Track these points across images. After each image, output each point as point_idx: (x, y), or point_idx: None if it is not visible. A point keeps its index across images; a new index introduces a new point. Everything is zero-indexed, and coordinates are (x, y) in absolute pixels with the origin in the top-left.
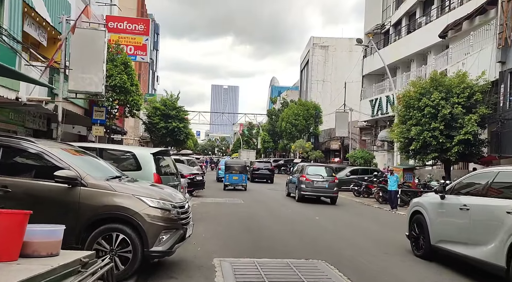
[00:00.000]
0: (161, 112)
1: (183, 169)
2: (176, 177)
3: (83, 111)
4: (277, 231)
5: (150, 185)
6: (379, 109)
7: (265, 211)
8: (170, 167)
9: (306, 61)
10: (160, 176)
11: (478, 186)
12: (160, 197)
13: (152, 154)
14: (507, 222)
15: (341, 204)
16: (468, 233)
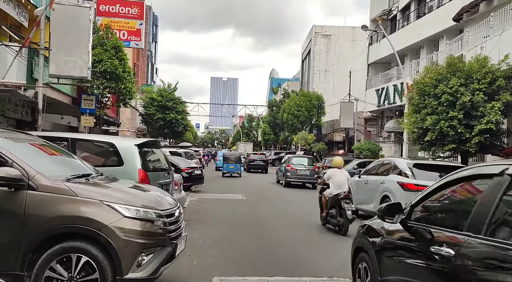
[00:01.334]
0: (158, 103)
1: (180, 162)
2: (168, 173)
3: (71, 100)
4: (289, 237)
5: (131, 186)
6: (386, 99)
7: (270, 208)
8: (161, 161)
9: (308, 51)
10: (147, 172)
11: (374, 169)
12: (142, 204)
13: (137, 145)
14: (380, 188)
15: None
16: (367, 196)
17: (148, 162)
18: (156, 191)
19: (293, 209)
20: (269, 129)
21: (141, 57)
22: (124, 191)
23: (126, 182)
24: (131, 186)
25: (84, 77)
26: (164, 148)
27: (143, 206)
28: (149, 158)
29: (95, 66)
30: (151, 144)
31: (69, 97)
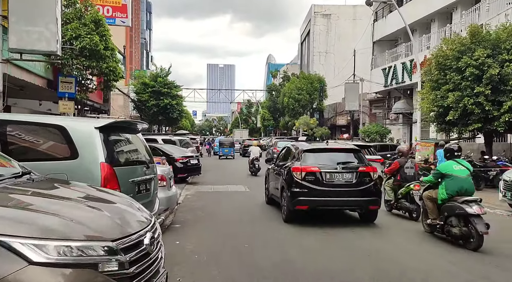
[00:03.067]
0: (151, 88)
1: (174, 151)
2: (148, 167)
3: (46, 82)
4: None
5: (80, 197)
6: (394, 78)
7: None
8: (138, 151)
9: (307, 32)
10: (114, 167)
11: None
12: (83, 233)
13: (100, 128)
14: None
15: None
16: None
17: (118, 153)
18: (120, 202)
19: None
20: (269, 115)
21: (135, 45)
22: (53, 209)
23: (74, 187)
24: (80, 196)
25: (53, 51)
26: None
27: (82, 238)
28: (119, 147)
29: (71, 43)
30: (123, 127)
31: (43, 80)
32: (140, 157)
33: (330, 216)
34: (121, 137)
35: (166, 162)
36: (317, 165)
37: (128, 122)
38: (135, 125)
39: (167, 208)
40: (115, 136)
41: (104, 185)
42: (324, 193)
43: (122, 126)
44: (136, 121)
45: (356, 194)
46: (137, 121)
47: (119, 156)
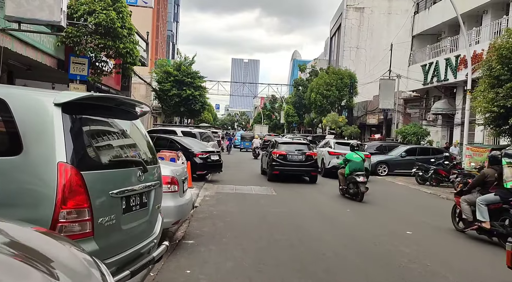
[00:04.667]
0: (174, 78)
1: (193, 145)
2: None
3: (56, 62)
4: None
5: None
6: (435, 76)
7: (314, 212)
8: (136, 146)
9: (338, 26)
10: (81, 172)
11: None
12: None
13: (62, 105)
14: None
15: (409, 198)
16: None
17: (95, 148)
18: None
19: (346, 215)
20: (293, 111)
21: (161, 36)
22: None
23: None
24: None
25: (56, 22)
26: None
27: None
28: (98, 139)
29: (85, 19)
30: (108, 108)
31: (52, 59)
32: (135, 155)
33: (291, 178)
34: (103, 123)
35: (181, 155)
36: (285, 151)
37: (116, 100)
38: (130, 107)
39: (177, 220)
40: (93, 122)
41: (62, 201)
42: (287, 165)
43: (106, 106)
44: (131, 101)
45: (304, 166)
46: (132, 101)
47: (97, 153)
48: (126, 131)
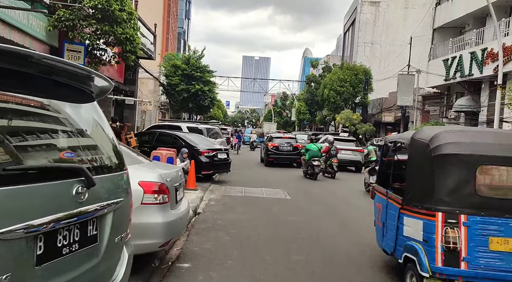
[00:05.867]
0: (182, 72)
1: (198, 142)
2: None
3: (48, 50)
4: None
5: None
6: (459, 71)
7: (334, 220)
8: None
9: (352, 21)
10: None
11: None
12: None
13: None
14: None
15: None
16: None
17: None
18: None
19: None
20: (305, 108)
21: (172, 32)
22: None
23: None
24: None
25: None
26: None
27: None
28: (8, 129)
29: (80, 1)
30: (31, 78)
31: (44, 45)
32: (71, 159)
33: (282, 164)
34: (20, 103)
35: (186, 156)
36: (277, 143)
37: (37, 60)
38: (76, 80)
39: (167, 241)
40: None
41: None
42: (279, 154)
43: (27, 75)
44: (72, 66)
45: (292, 155)
46: (75, 67)
47: None
48: (69, 121)
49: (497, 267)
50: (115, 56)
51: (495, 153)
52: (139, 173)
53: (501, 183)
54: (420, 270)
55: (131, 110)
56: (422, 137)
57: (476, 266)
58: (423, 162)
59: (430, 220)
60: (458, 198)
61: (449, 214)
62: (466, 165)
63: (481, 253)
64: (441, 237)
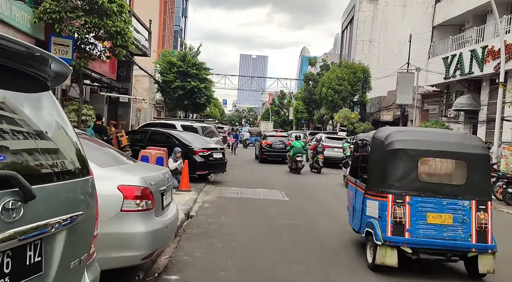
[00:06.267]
0: (178, 69)
1: (193, 141)
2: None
3: (34, 43)
4: None
5: None
6: (459, 69)
7: (334, 223)
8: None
9: (350, 19)
10: None
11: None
12: None
13: None
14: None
15: None
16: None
17: None
18: None
19: None
20: (303, 107)
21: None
22: None
23: None
24: None
25: None
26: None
27: None
28: None
29: None
30: None
31: (29, 38)
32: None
33: (274, 161)
34: None
35: (180, 156)
36: (271, 141)
37: None
38: (22, 63)
39: (151, 252)
40: None
41: None
42: (272, 151)
43: None
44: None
45: (284, 152)
46: (26, 47)
47: None
48: (7, 113)
49: (432, 235)
50: (105, 51)
51: (431, 148)
52: (120, 175)
53: (436, 171)
54: (375, 240)
55: (125, 108)
56: (380, 136)
57: (417, 235)
58: (379, 155)
59: (383, 201)
60: (404, 183)
61: (397, 196)
62: (410, 157)
63: (420, 225)
64: (391, 214)
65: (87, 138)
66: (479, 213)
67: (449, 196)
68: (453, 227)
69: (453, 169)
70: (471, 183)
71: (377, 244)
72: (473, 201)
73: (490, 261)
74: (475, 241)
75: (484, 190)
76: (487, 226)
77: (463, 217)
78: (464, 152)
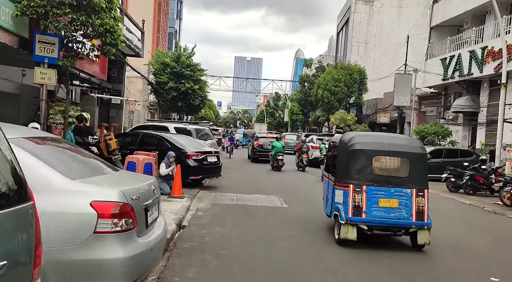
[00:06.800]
0: (171, 70)
1: (186, 144)
2: None
3: (17, 41)
4: None
5: None
6: (457, 70)
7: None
8: None
9: (346, 20)
10: None
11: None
12: None
13: None
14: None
15: (446, 210)
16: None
17: None
18: None
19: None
20: (298, 109)
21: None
22: None
23: None
24: None
25: None
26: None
27: None
28: None
29: None
30: None
31: (12, 36)
32: None
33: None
34: None
35: (173, 160)
36: (262, 142)
37: None
38: None
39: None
40: None
41: None
42: (263, 151)
43: None
44: None
45: None
46: None
47: None
48: None
49: (382, 216)
50: (94, 49)
51: (383, 148)
52: (94, 189)
53: (386, 166)
54: (340, 220)
55: (118, 110)
56: (344, 139)
57: (371, 215)
58: (344, 154)
59: (346, 190)
60: (362, 175)
61: (356, 185)
62: (367, 156)
63: (373, 208)
64: (352, 199)
65: (58, 145)
66: (418, 198)
67: (396, 186)
68: (399, 209)
69: (399, 164)
70: (412, 176)
71: (341, 223)
72: (414, 189)
73: (426, 235)
74: (415, 220)
75: (422, 180)
76: (424, 208)
77: (406, 202)
78: (407, 151)
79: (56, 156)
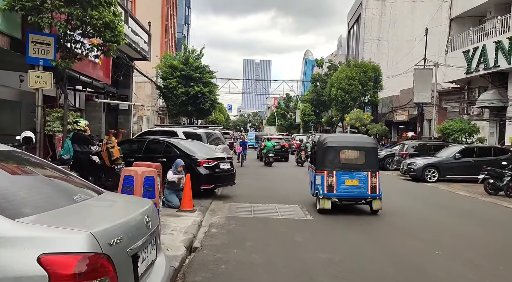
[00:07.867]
0: (180, 72)
1: (197, 150)
2: None
3: (8, 41)
4: None
5: None
6: (483, 62)
7: (391, 263)
8: None
9: (357, 17)
10: None
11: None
12: None
13: None
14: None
15: (492, 219)
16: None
17: None
18: None
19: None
20: (310, 109)
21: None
22: None
23: None
24: None
25: None
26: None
27: None
28: None
29: None
30: None
31: (2, 36)
32: None
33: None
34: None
35: (182, 170)
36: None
37: None
38: None
39: None
40: None
41: None
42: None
43: None
44: None
45: (281, 152)
46: None
47: None
48: None
49: (348, 191)
50: (93, 48)
51: (346, 145)
52: (48, 233)
53: (349, 157)
54: (319, 196)
55: (126, 116)
56: (321, 139)
57: (340, 191)
58: (321, 150)
59: (322, 175)
60: (333, 164)
61: (329, 172)
62: (336, 150)
63: (342, 186)
64: (326, 181)
65: (4, 165)
66: (372, 178)
67: (356, 170)
68: (359, 186)
69: (358, 155)
70: (367, 163)
71: (319, 198)
72: (369, 172)
73: (378, 203)
74: (370, 193)
75: (374, 166)
76: (376, 184)
77: (364, 181)
78: (363, 146)
79: None
